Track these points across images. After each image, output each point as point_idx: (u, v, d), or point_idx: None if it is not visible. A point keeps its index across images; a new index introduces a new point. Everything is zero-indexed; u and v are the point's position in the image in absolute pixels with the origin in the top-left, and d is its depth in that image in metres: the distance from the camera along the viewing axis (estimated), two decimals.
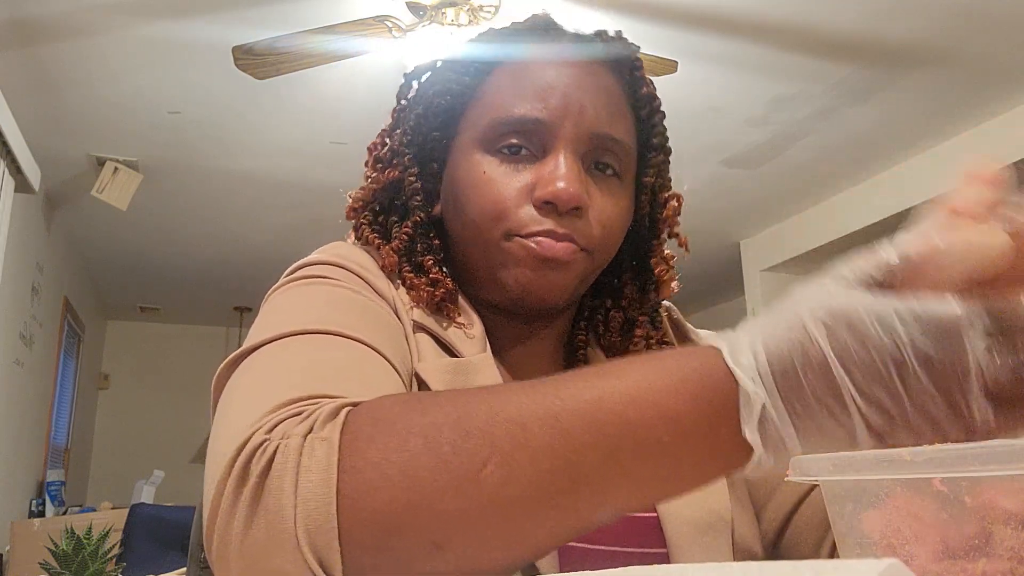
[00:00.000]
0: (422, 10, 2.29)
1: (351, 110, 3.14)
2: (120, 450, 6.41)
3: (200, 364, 6.70)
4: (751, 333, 0.41)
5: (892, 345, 0.36)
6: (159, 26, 2.60)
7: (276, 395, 0.47)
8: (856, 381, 0.37)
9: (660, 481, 0.42)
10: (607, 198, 0.68)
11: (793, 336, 0.38)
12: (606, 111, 0.68)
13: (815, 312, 0.38)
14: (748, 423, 0.39)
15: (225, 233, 4.69)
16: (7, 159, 3.06)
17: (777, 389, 0.38)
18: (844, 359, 0.37)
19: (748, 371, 0.39)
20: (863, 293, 0.38)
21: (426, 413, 0.42)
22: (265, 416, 0.45)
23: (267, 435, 0.43)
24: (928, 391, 0.36)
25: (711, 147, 3.57)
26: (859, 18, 2.64)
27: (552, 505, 0.40)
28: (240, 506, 0.41)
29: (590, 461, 0.40)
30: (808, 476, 0.40)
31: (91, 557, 1.56)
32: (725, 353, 0.40)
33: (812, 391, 0.38)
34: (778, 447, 0.39)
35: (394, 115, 0.77)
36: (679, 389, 0.41)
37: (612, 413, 0.41)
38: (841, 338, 0.37)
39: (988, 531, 0.32)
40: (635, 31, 0.74)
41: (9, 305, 3.62)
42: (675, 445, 0.40)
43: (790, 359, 0.38)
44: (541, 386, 0.43)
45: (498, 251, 0.66)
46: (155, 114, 3.19)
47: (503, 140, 0.67)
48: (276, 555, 0.40)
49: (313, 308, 0.60)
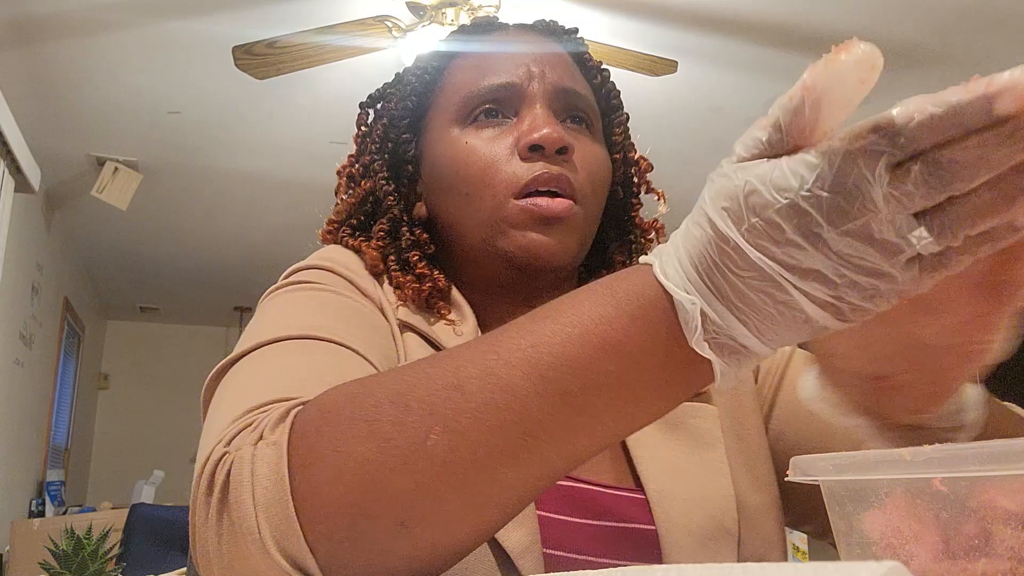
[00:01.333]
0: (422, 10, 2.29)
1: (351, 110, 3.09)
2: (120, 450, 6.41)
3: (200, 364, 6.70)
4: (675, 240, 0.39)
5: (796, 206, 0.34)
6: (159, 26, 2.60)
7: (240, 405, 0.48)
8: (775, 255, 0.35)
9: (621, 413, 0.41)
10: (587, 146, 0.70)
11: (705, 233, 0.37)
12: (567, 70, 0.72)
13: (716, 200, 0.37)
14: (692, 334, 0.37)
15: (225, 233, 4.69)
16: (7, 159, 3.06)
17: (709, 290, 0.37)
18: (755, 239, 0.35)
19: (677, 280, 0.38)
20: (755, 164, 0.36)
21: (368, 395, 0.42)
22: (226, 428, 0.45)
23: (226, 448, 0.44)
24: (852, 240, 0.33)
25: (711, 147, 3.57)
26: (859, 18, 2.64)
27: (508, 462, 0.40)
28: (210, 522, 0.42)
29: (538, 409, 0.39)
30: (808, 476, 0.40)
31: (91, 557, 1.56)
32: (656, 268, 0.39)
33: (742, 282, 0.36)
34: (735, 350, 0.37)
35: (357, 141, 0.80)
36: (615, 316, 0.39)
37: (550, 355, 0.39)
38: (744, 217, 0.35)
39: (988, 531, 0.32)
40: (635, 31, 0.75)
41: (9, 305, 3.62)
42: (625, 373, 0.39)
43: (709, 257, 0.36)
44: (479, 343, 0.43)
45: (497, 221, 0.66)
46: (155, 114, 3.19)
47: (478, 112, 0.70)
48: (251, 564, 0.40)
49: (294, 314, 0.61)
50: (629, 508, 0.62)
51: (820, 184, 0.34)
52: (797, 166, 0.34)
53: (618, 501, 0.62)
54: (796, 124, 0.35)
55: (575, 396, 0.39)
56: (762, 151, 0.37)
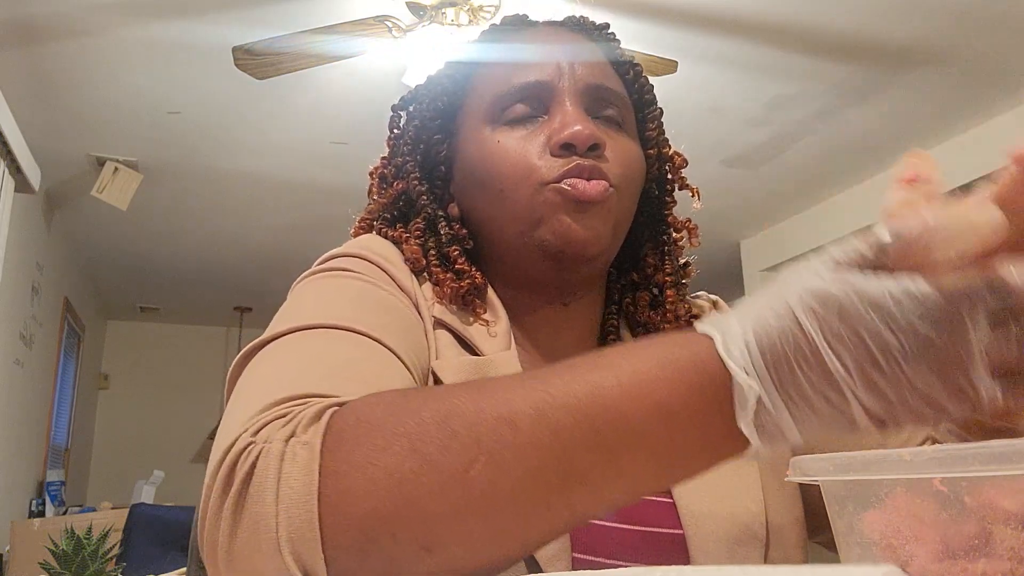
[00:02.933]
0: (422, 10, 2.29)
1: (351, 110, 3.14)
2: (120, 450, 6.40)
3: (200, 364, 6.75)
4: (742, 320, 0.39)
5: (887, 329, 0.35)
6: (159, 26, 2.60)
7: (270, 393, 0.46)
8: (850, 368, 0.36)
9: (654, 474, 0.41)
10: (619, 142, 0.70)
11: (784, 325, 0.37)
12: (596, 67, 0.72)
13: (804, 299, 0.37)
14: (743, 416, 0.38)
15: (225, 233, 4.68)
16: (7, 159, 3.06)
17: (771, 380, 0.38)
18: (836, 347, 0.36)
19: (741, 362, 0.38)
20: (854, 275, 0.37)
21: (412, 412, 0.41)
22: (254, 417, 0.44)
23: (252, 438, 0.42)
24: (927, 374, 0.35)
25: (711, 147, 3.57)
26: (859, 18, 2.63)
27: (542, 503, 0.40)
28: (225, 512, 0.41)
29: (581, 458, 0.39)
30: (808, 476, 0.40)
31: (91, 557, 1.56)
32: (718, 343, 0.39)
33: (807, 380, 0.37)
34: (775, 436, 0.38)
35: (390, 144, 0.79)
36: (673, 381, 0.39)
37: (604, 407, 0.40)
38: (833, 325, 0.36)
39: (988, 531, 0.32)
40: (635, 31, 0.76)
41: (9, 305, 3.62)
42: (669, 438, 0.40)
43: (782, 349, 0.37)
44: (531, 380, 0.42)
45: (532, 207, 0.66)
46: (155, 114, 3.19)
47: (509, 111, 0.70)
48: (259, 562, 0.39)
49: (328, 303, 0.60)
50: (657, 513, 0.62)
51: (922, 319, 0.35)
52: (901, 294, 0.35)
53: (647, 506, 0.62)
54: (903, 253, 0.37)
55: (620, 453, 0.40)
56: (859, 262, 0.38)
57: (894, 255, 0.37)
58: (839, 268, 0.38)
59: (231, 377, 0.56)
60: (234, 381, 0.55)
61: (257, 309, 6.30)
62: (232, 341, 6.61)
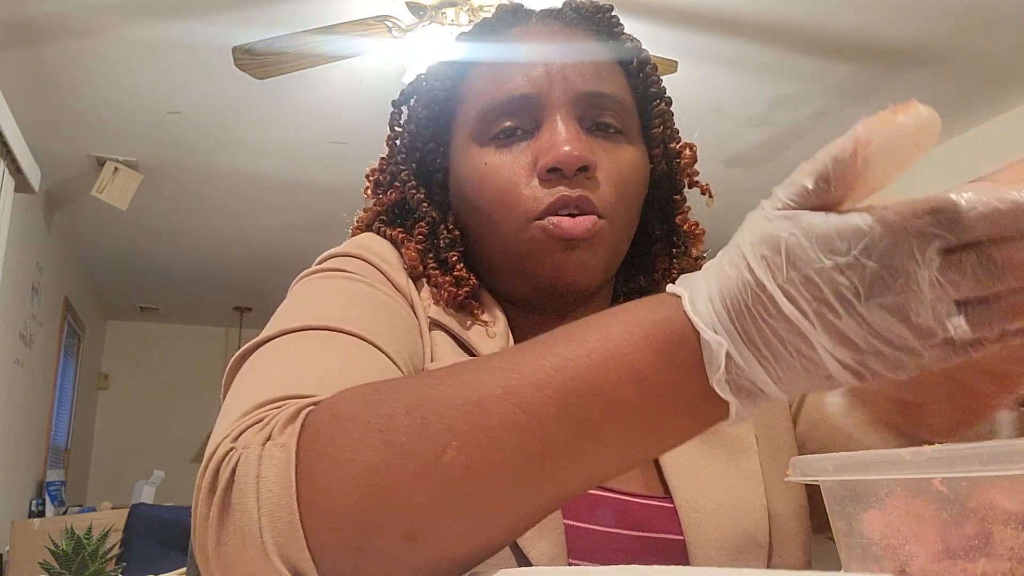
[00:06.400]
0: (422, 10, 2.29)
1: (351, 110, 3.14)
2: (120, 450, 6.40)
3: (200, 364, 6.75)
4: (707, 276, 0.38)
5: (834, 268, 0.34)
6: (159, 26, 2.60)
7: (254, 397, 0.47)
8: (808, 313, 0.34)
9: (635, 443, 0.40)
10: (614, 156, 0.66)
11: (741, 275, 0.36)
12: (591, 70, 0.67)
13: (756, 246, 0.36)
14: (714, 374, 0.37)
15: (225, 233, 4.68)
16: (7, 159, 3.06)
17: (737, 334, 0.36)
18: (790, 291, 0.35)
19: (708, 319, 0.37)
20: (801, 214, 0.35)
21: (384, 404, 0.41)
22: (236, 421, 0.44)
23: (232, 444, 0.43)
24: (883, 314, 0.33)
25: (711, 147, 3.57)
26: (859, 18, 2.63)
27: (523, 482, 0.39)
28: (211, 519, 0.41)
29: (557, 433, 0.39)
30: (808, 476, 0.40)
31: (91, 557, 1.56)
32: (685, 302, 0.38)
33: (771, 331, 0.35)
34: (752, 392, 0.37)
35: (389, 143, 0.77)
36: (641, 345, 0.38)
37: (575, 380, 0.39)
38: (783, 268, 0.35)
39: (988, 531, 0.32)
40: (635, 31, 0.74)
41: (9, 305, 3.62)
42: (646, 405, 0.38)
43: (742, 300, 0.36)
44: (502, 360, 0.42)
45: (519, 242, 0.64)
46: (155, 114, 3.19)
47: (495, 126, 0.66)
48: (249, 566, 0.39)
49: (324, 303, 0.60)
50: (657, 517, 0.61)
51: (867, 253, 0.33)
52: (846, 229, 0.34)
53: (646, 510, 0.61)
54: (844, 177, 0.35)
55: (595, 423, 0.39)
56: (805, 200, 0.36)
57: (836, 183, 0.35)
58: (785, 207, 0.36)
59: (226, 380, 0.56)
60: (228, 384, 0.55)
61: (257, 309, 6.29)
62: (232, 341, 6.60)
